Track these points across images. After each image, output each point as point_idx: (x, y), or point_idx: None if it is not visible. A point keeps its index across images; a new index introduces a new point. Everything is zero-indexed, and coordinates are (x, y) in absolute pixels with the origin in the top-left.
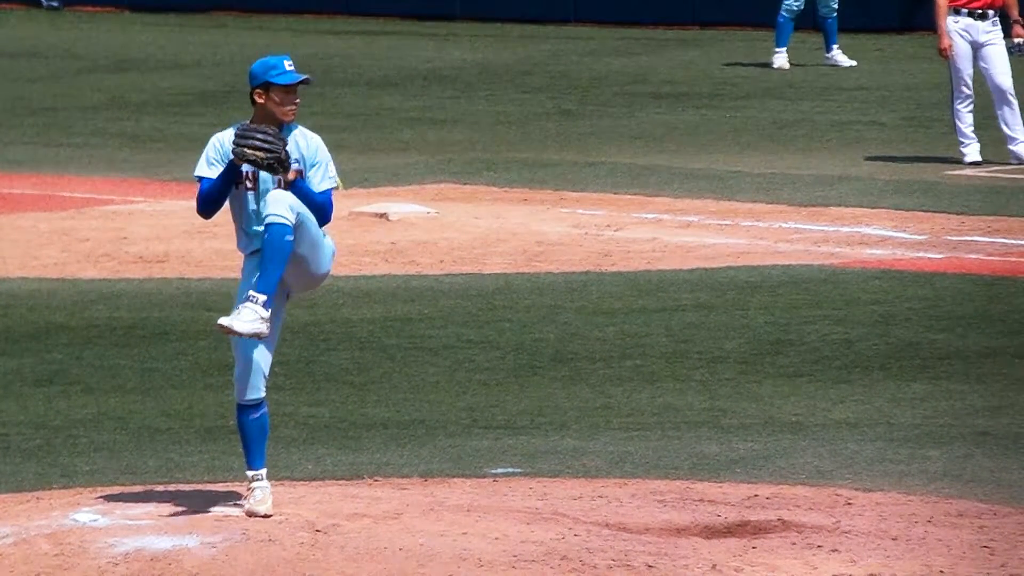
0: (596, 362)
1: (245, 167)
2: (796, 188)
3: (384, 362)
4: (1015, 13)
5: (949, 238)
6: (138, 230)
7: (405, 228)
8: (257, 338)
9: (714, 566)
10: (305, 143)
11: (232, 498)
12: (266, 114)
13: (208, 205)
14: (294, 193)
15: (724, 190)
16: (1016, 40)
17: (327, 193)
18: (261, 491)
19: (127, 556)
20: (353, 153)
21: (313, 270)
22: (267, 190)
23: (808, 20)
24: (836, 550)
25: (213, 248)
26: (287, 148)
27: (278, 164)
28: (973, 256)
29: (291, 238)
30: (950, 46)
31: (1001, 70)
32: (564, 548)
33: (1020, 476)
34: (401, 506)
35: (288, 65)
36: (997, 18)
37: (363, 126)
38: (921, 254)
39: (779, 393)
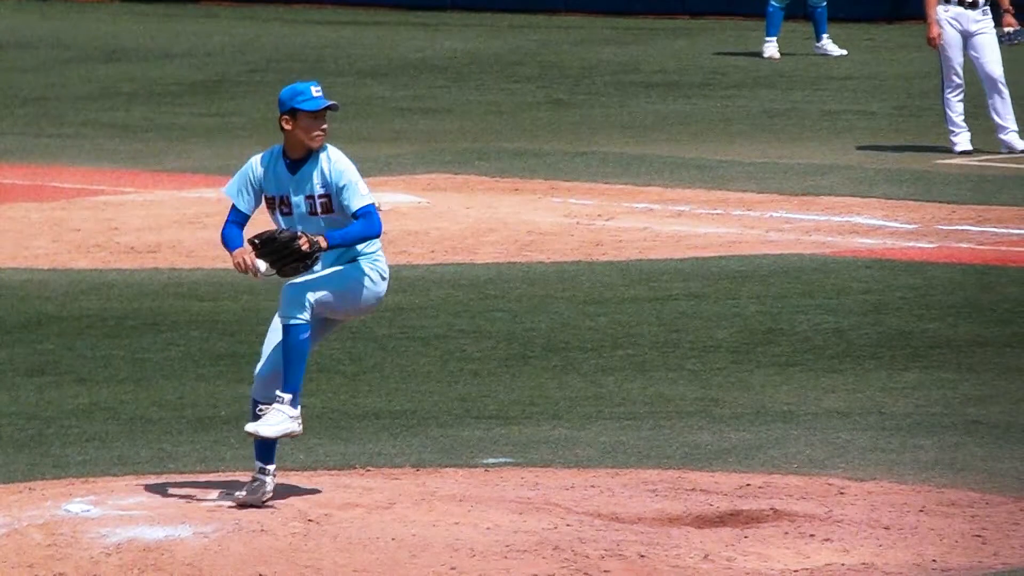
0: (588, 352)
1: (274, 192)
2: (787, 177)
3: (376, 352)
4: (1006, 2)
5: (940, 227)
6: (129, 220)
7: (396, 218)
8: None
9: (706, 555)
10: (329, 168)
11: (225, 488)
12: (294, 140)
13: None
14: (339, 242)
15: (715, 179)
16: (1007, 29)
17: (365, 209)
18: (260, 486)
19: (120, 546)
20: (344, 143)
21: (363, 307)
22: (301, 214)
23: (798, 9)
24: (828, 539)
25: (204, 238)
26: (299, 242)
27: (300, 264)
28: (964, 245)
29: (307, 336)
30: (939, 35)
31: (991, 59)
32: (556, 538)
33: (1012, 465)
34: (393, 496)
35: (315, 91)
36: (987, 7)
37: (354, 116)
38: (912, 243)
39: (771, 382)
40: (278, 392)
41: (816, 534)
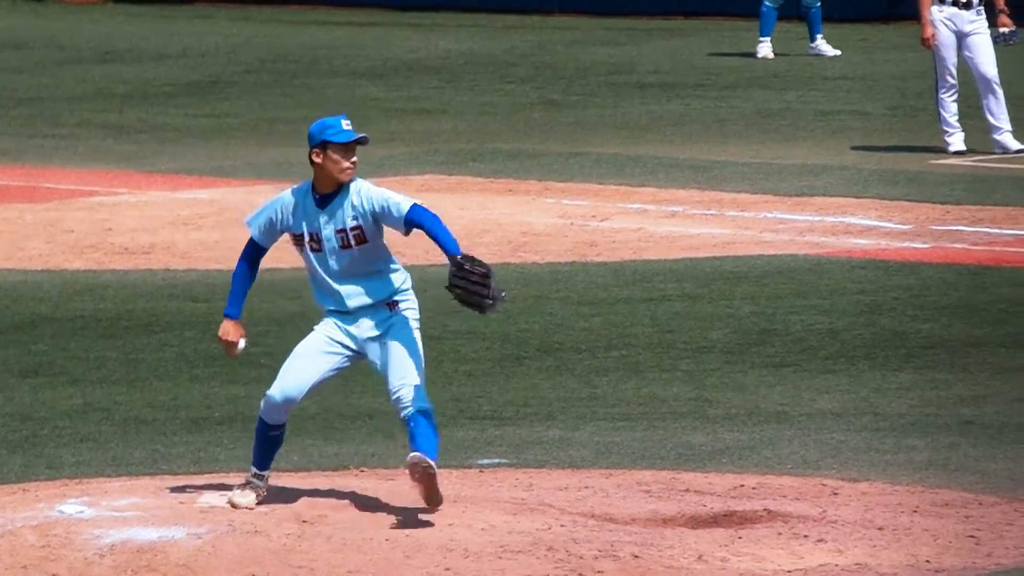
0: (582, 352)
1: (302, 229)
2: (781, 178)
3: None
4: (1001, 2)
5: (934, 227)
6: (123, 221)
7: None
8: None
9: (700, 556)
10: (360, 199)
11: (218, 489)
12: (324, 174)
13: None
14: (442, 242)
15: (709, 180)
16: (1002, 30)
17: (415, 208)
18: (253, 489)
19: (113, 547)
20: None
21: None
22: (332, 248)
23: (792, 10)
24: (822, 540)
25: (198, 239)
26: (496, 288)
27: (486, 303)
28: (958, 245)
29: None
30: (933, 36)
31: (986, 59)
32: (550, 539)
33: (1005, 465)
34: (387, 497)
35: (346, 124)
36: (982, 7)
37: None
38: (906, 244)
39: (765, 383)
40: None
41: (810, 535)
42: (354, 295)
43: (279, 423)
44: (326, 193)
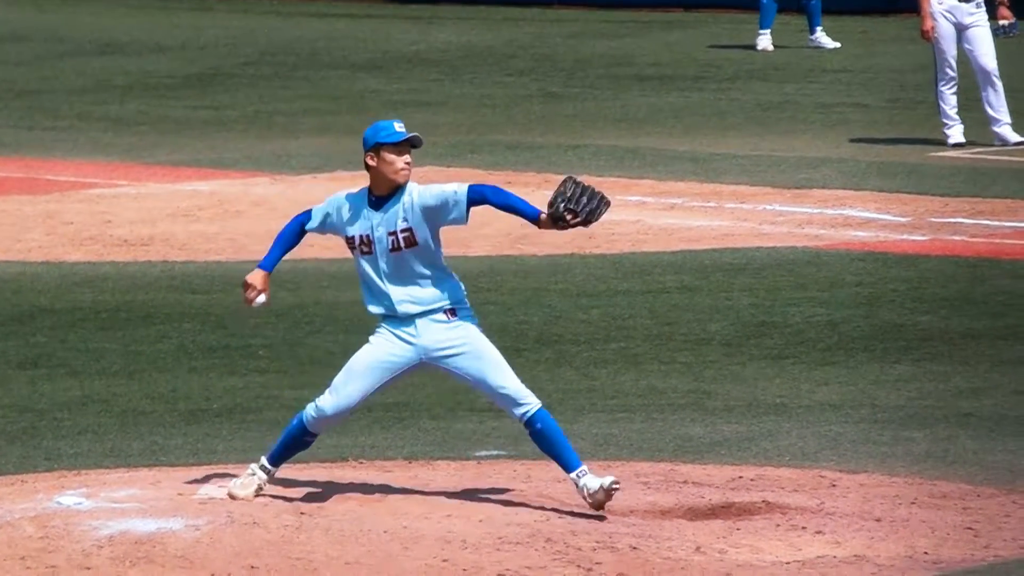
0: (580, 344)
1: (354, 232)
2: (780, 170)
3: None
4: None
5: (933, 220)
6: (123, 213)
7: None
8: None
9: (698, 548)
10: (411, 201)
11: (217, 481)
12: (380, 177)
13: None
14: (519, 211)
15: (708, 172)
16: (1002, 22)
17: (475, 188)
18: (257, 480)
19: (112, 539)
20: (338, 136)
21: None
22: (383, 250)
23: (792, 2)
24: (820, 531)
25: (197, 231)
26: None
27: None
28: (957, 238)
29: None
30: (933, 28)
31: (985, 52)
32: (548, 530)
33: (1003, 457)
34: (386, 489)
35: (398, 127)
36: (982, 0)
37: (348, 109)
38: (905, 236)
39: (763, 375)
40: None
41: (808, 526)
42: (404, 300)
43: (319, 433)
44: (381, 195)
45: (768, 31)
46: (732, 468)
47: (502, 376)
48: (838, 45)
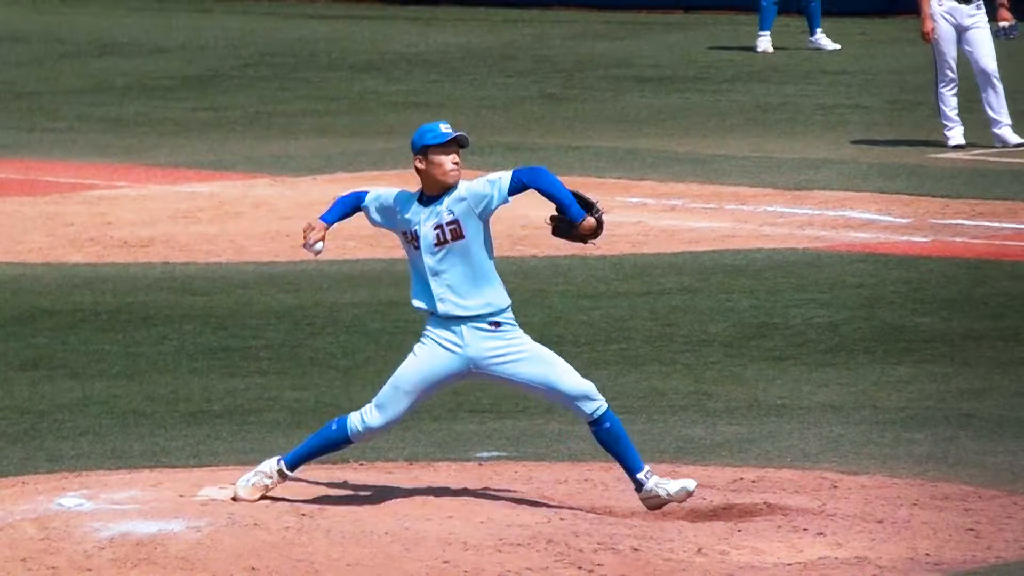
0: (581, 346)
1: (403, 228)
2: (780, 171)
3: (369, 346)
4: None
5: (933, 221)
6: (122, 215)
7: None
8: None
9: (700, 549)
10: (458, 193)
11: (217, 482)
12: (429, 179)
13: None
14: (563, 204)
15: (708, 174)
16: (1002, 24)
17: (520, 172)
18: (266, 484)
19: (112, 540)
20: (337, 137)
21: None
22: (429, 245)
23: (792, 4)
24: (821, 533)
25: (197, 232)
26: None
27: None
28: (957, 239)
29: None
30: (933, 29)
31: (985, 53)
32: (550, 531)
33: (1005, 459)
34: (387, 490)
35: (444, 128)
36: (982, 1)
37: (347, 110)
38: (905, 237)
39: (764, 376)
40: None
41: (809, 528)
42: (447, 299)
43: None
44: (432, 196)
45: (768, 33)
46: (733, 469)
47: (570, 376)
48: (838, 47)
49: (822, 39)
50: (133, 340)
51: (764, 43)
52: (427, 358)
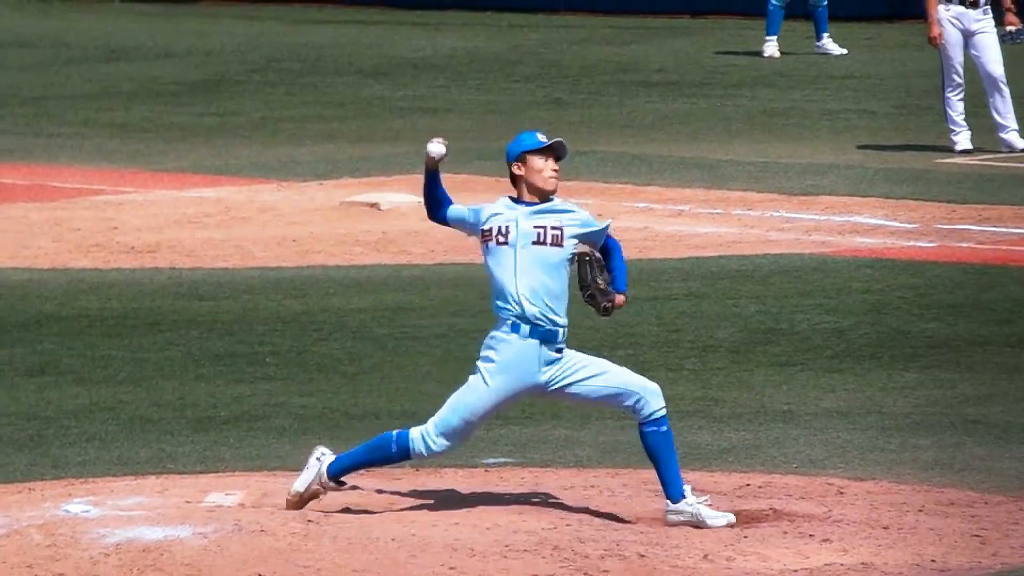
0: (587, 351)
1: (493, 224)
2: (787, 176)
3: (375, 352)
4: (1008, 1)
5: (940, 226)
6: (129, 220)
7: (396, 218)
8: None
9: (706, 556)
10: (565, 208)
11: (224, 488)
12: (528, 185)
13: (426, 197)
14: (617, 275)
15: (715, 179)
16: (1009, 28)
17: (610, 237)
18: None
19: (119, 546)
20: (344, 143)
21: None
22: (528, 239)
23: (799, 8)
24: (828, 539)
25: (204, 237)
26: (603, 303)
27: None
28: (964, 244)
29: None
30: (940, 34)
31: (992, 58)
32: (556, 538)
33: (1011, 465)
34: (393, 496)
35: (541, 136)
36: (988, 6)
37: (354, 115)
38: (912, 242)
39: (770, 382)
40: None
41: (815, 534)
42: (532, 301)
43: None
44: (530, 202)
45: (775, 37)
46: (739, 475)
47: (629, 373)
48: (845, 51)
49: (829, 44)
50: (139, 346)
51: (771, 48)
52: (500, 390)
